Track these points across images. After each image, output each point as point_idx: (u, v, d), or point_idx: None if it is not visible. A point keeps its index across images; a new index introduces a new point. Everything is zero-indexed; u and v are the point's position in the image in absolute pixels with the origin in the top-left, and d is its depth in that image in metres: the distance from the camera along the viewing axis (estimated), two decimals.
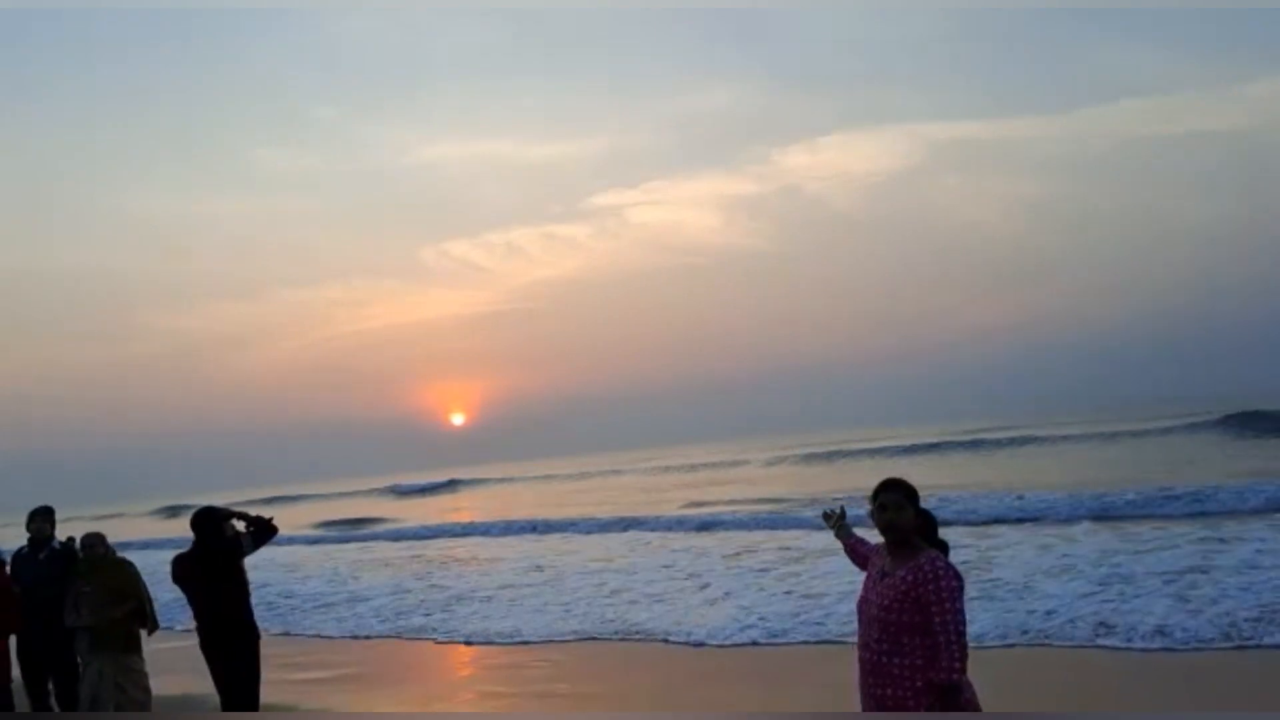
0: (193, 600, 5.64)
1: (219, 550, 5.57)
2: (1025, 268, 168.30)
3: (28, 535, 6.69)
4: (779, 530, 17.98)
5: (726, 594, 11.65)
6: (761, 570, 13.15)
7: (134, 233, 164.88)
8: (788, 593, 11.29)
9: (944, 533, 3.83)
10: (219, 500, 6.28)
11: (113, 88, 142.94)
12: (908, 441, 44.21)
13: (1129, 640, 7.82)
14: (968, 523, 15.64)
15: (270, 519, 5.80)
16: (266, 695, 6.00)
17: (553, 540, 21.01)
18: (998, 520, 16.01)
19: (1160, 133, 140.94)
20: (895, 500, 3.48)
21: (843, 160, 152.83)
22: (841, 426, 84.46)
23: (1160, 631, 7.86)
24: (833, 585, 10.99)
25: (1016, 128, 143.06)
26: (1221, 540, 11.63)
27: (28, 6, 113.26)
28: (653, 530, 20.70)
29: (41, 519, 6.67)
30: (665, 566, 14.64)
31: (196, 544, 5.62)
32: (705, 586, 12.39)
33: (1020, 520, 15.76)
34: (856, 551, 4.02)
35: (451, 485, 56.04)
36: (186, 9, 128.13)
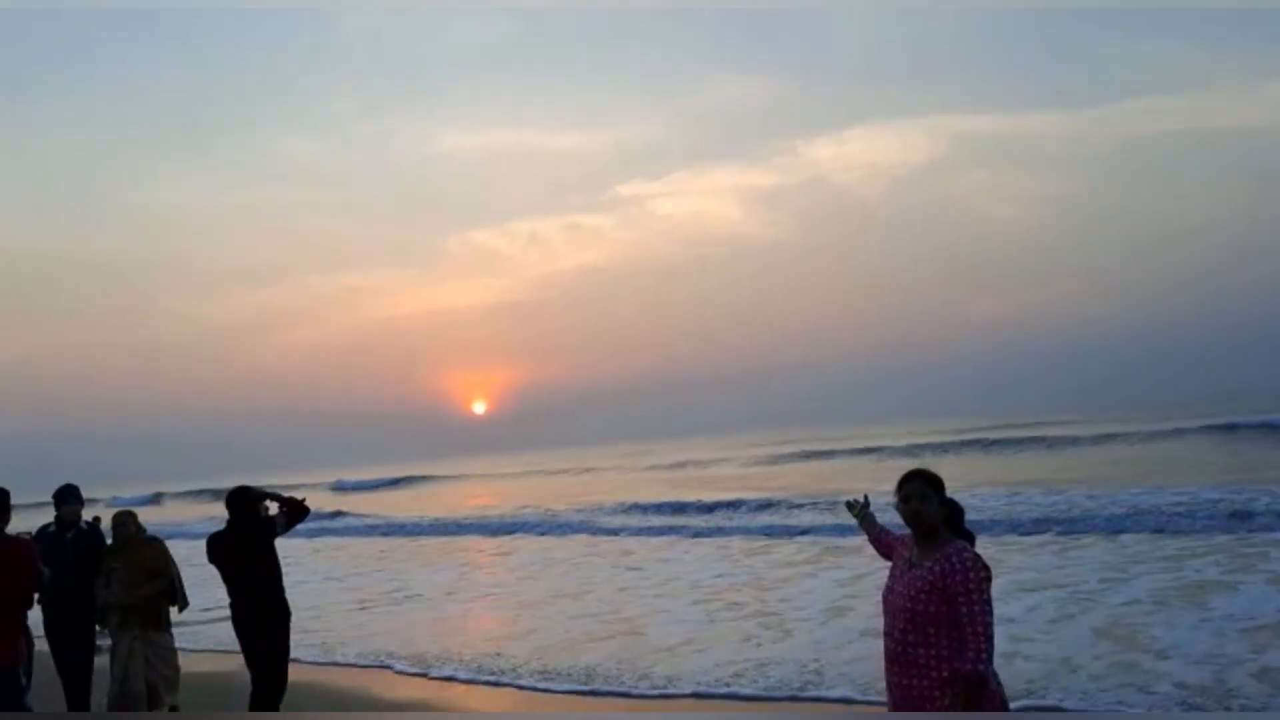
0: (226, 578, 5.73)
1: (253, 530, 5.66)
2: (1047, 264, 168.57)
3: (55, 515, 6.69)
4: (747, 538, 17.04)
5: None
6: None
7: (159, 221, 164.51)
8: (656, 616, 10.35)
9: None
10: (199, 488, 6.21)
11: (138, 81, 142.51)
12: (908, 441, 43.68)
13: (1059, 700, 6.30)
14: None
15: (303, 500, 5.87)
16: None
17: (441, 544, 20.45)
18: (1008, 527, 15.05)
19: (1181, 130, 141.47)
20: (919, 490, 3.46)
21: (867, 153, 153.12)
22: (855, 422, 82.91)
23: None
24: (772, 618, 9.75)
25: (1040, 123, 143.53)
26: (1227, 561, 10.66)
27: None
28: (585, 533, 20.03)
29: (74, 500, 6.62)
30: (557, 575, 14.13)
31: (231, 523, 5.69)
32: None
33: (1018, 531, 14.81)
34: (881, 541, 3.99)
35: (400, 483, 54.48)
36: (208, 4, 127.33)
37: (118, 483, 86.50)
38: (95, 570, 6.43)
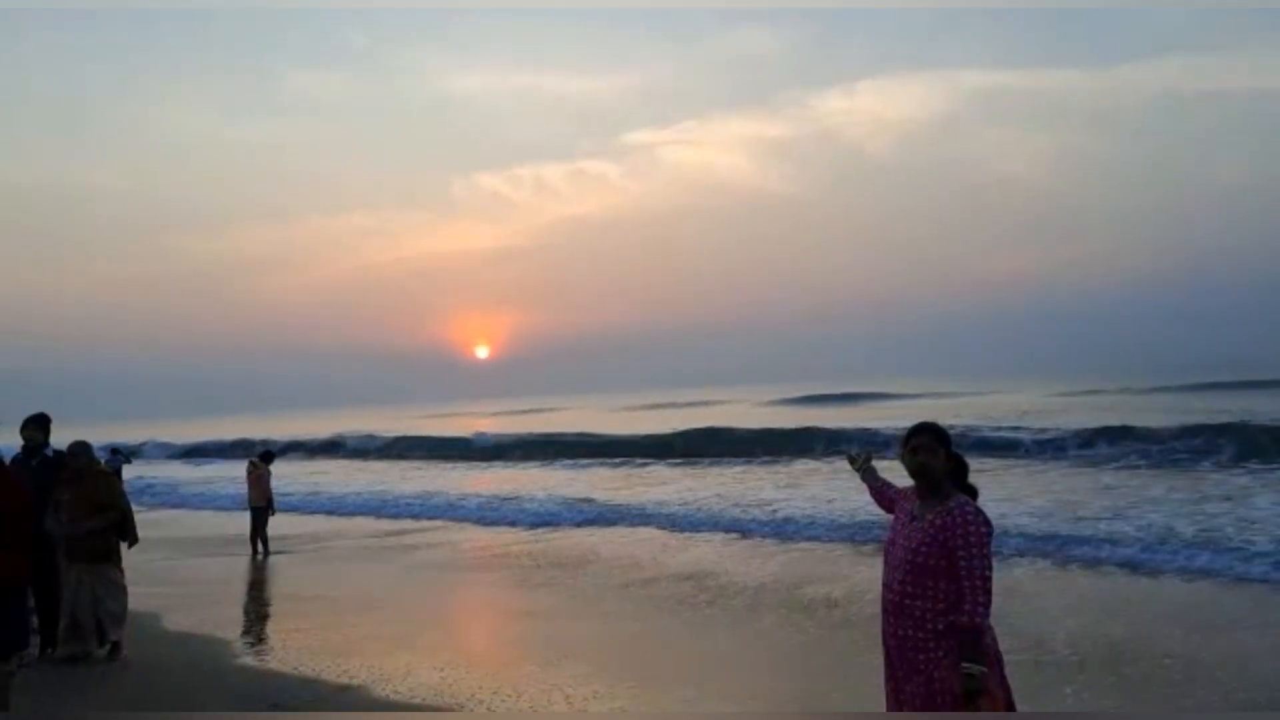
0: None
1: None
2: (1058, 222, 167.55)
3: (21, 441, 6.67)
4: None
5: None
6: None
7: (165, 154, 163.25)
8: None
9: None
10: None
11: (147, 9, 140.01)
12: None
13: None
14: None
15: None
16: None
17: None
18: None
19: (1200, 90, 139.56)
20: (927, 443, 3.45)
21: (878, 106, 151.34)
22: (850, 376, 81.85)
23: None
24: None
25: (1055, 79, 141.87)
26: None
27: None
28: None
29: (34, 427, 6.62)
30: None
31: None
32: None
33: None
34: (883, 494, 3.99)
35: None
36: None
37: (116, 419, 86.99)
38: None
